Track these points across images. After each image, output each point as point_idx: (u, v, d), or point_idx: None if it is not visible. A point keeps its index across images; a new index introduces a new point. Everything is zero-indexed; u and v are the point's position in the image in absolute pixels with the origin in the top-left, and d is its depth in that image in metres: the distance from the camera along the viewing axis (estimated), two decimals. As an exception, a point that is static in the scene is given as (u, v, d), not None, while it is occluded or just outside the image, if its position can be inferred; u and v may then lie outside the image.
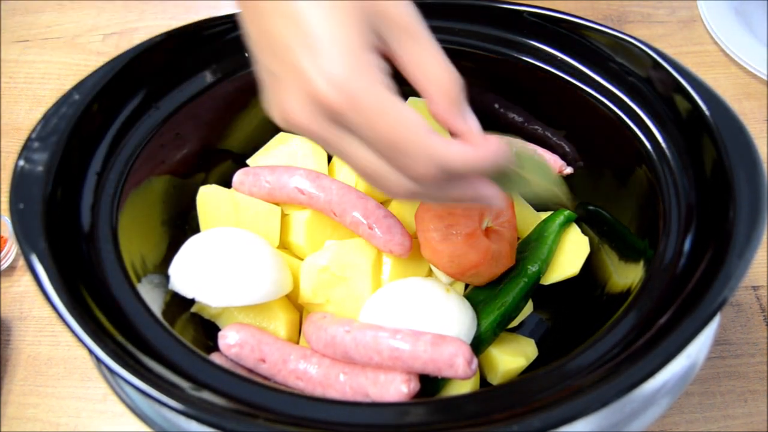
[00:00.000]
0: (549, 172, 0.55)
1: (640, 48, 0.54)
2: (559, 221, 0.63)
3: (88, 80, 0.53)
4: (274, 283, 0.57)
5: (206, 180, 0.66)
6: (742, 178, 0.46)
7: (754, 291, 0.76)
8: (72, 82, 0.53)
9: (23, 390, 0.71)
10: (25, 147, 0.49)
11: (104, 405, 0.70)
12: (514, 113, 0.67)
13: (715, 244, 0.45)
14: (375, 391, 0.50)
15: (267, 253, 0.58)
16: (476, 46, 0.62)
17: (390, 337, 0.50)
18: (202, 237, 0.59)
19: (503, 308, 0.58)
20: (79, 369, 0.72)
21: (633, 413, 0.44)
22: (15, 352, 0.73)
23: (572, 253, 0.63)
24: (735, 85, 0.95)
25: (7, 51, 1.01)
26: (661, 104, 0.54)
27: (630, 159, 0.56)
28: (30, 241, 0.44)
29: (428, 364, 0.49)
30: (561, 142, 0.65)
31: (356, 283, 0.60)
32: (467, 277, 0.59)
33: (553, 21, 0.59)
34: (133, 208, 0.55)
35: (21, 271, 0.79)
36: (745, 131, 0.48)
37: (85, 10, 1.07)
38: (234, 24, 0.59)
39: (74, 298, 0.43)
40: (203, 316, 0.61)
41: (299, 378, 0.52)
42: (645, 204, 0.55)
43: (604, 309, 0.56)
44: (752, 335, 0.73)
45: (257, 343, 0.53)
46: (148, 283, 0.53)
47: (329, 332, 0.52)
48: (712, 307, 0.41)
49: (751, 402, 0.69)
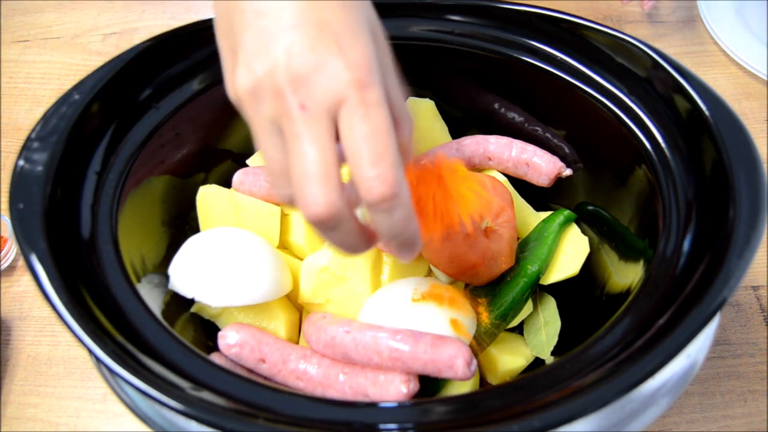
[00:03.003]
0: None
1: (640, 48, 0.54)
2: (559, 221, 0.63)
3: (88, 80, 0.53)
4: (274, 283, 0.57)
5: (206, 180, 0.66)
6: (742, 178, 0.46)
7: (754, 291, 0.76)
8: (72, 82, 0.52)
9: (23, 390, 0.71)
10: (25, 147, 0.49)
11: (104, 405, 0.70)
12: (514, 113, 0.67)
13: (715, 243, 0.45)
14: (375, 391, 0.50)
15: (267, 253, 0.58)
16: (476, 46, 0.62)
17: (390, 338, 0.50)
18: (202, 237, 0.59)
19: (503, 308, 0.58)
20: (79, 369, 0.72)
21: (633, 413, 0.44)
22: (15, 352, 0.73)
23: (572, 253, 0.63)
24: (735, 85, 0.95)
25: (7, 51, 1.01)
26: (661, 104, 0.54)
27: (630, 159, 0.56)
28: (30, 241, 0.44)
29: (428, 364, 0.49)
30: (561, 143, 0.65)
31: (356, 283, 0.60)
32: (467, 277, 0.59)
33: (553, 21, 0.59)
34: (133, 208, 0.55)
35: (21, 271, 0.79)
36: (745, 131, 0.48)
37: (85, 10, 1.07)
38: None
39: (74, 298, 0.43)
40: (203, 316, 0.61)
41: (299, 378, 0.52)
42: (645, 204, 0.55)
43: (604, 309, 0.56)
44: (752, 335, 0.73)
45: (257, 343, 0.53)
46: (148, 283, 0.53)
47: (329, 332, 0.52)
48: (711, 307, 0.41)
49: (751, 402, 0.69)
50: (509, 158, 0.65)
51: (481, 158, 0.66)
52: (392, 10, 0.62)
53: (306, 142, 0.35)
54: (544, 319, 0.63)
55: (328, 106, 0.35)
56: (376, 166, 0.35)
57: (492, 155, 0.65)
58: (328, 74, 0.35)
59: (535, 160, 0.64)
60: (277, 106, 0.36)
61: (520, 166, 0.65)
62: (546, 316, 0.63)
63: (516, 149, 0.65)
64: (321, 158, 0.35)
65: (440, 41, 0.62)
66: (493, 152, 0.65)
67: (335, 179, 0.35)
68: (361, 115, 0.35)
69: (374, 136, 0.35)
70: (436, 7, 0.62)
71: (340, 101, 0.35)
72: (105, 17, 1.06)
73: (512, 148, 0.65)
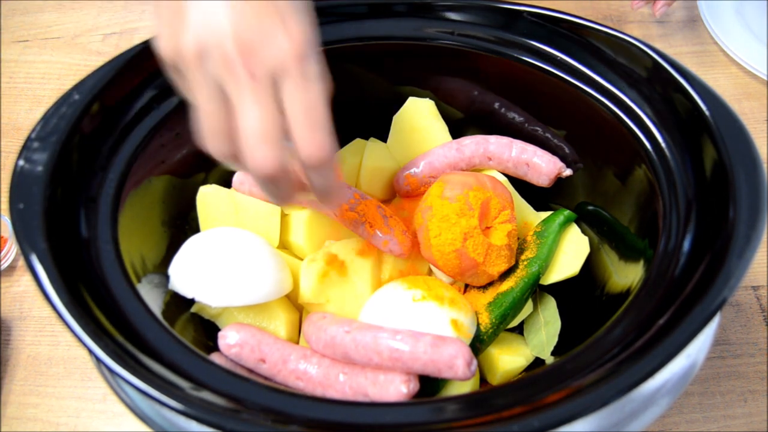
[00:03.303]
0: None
1: (640, 48, 0.54)
2: (559, 221, 0.63)
3: (88, 80, 0.53)
4: (274, 283, 0.57)
5: (206, 180, 0.66)
6: (742, 178, 0.46)
7: (754, 291, 0.76)
8: (72, 82, 0.53)
9: (23, 390, 0.71)
10: (25, 147, 0.49)
11: (104, 405, 0.70)
12: (514, 113, 0.67)
13: (715, 243, 0.45)
14: (375, 391, 0.50)
15: (267, 253, 0.58)
16: (476, 46, 0.62)
17: (390, 338, 0.50)
18: (202, 237, 0.59)
19: (503, 308, 0.58)
20: (79, 369, 0.72)
21: (633, 413, 0.44)
22: (15, 352, 0.73)
23: (572, 253, 0.63)
24: (735, 85, 0.95)
25: (7, 51, 1.01)
26: (661, 104, 0.54)
27: (630, 159, 0.56)
28: (30, 241, 0.44)
29: (428, 365, 0.49)
30: (561, 143, 0.65)
31: (356, 283, 0.60)
32: (467, 277, 0.59)
33: (553, 21, 0.59)
34: (133, 208, 0.55)
35: (21, 271, 0.79)
36: (745, 131, 0.48)
37: (85, 10, 1.07)
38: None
39: (74, 298, 0.43)
40: (203, 316, 0.61)
41: (299, 378, 0.52)
42: (645, 204, 0.55)
43: (604, 309, 0.56)
44: (752, 335, 0.73)
45: (257, 343, 0.53)
46: (148, 283, 0.53)
47: (329, 332, 0.52)
48: (711, 307, 0.41)
49: (751, 402, 0.69)
50: (509, 158, 0.65)
51: (481, 158, 0.66)
52: (392, 10, 0.62)
53: (255, 106, 0.39)
54: (544, 319, 0.63)
55: (273, 74, 0.39)
56: (315, 134, 0.40)
57: (492, 155, 0.65)
58: (274, 45, 0.39)
59: (535, 160, 0.64)
60: (225, 71, 0.39)
61: (520, 166, 0.65)
62: (546, 316, 0.63)
63: (516, 149, 0.65)
64: (269, 121, 0.39)
65: (440, 41, 0.62)
66: (493, 152, 0.65)
67: (280, 140, 0.40)
68: (302, 87, 0.40)
69: (313, 107, 0.40)
70: (436, 7, 0.62)
71: (283, 71, 0.39)
72: (105, 17, 1.06)
73: (512, 148, 0.65)
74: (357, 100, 0.69)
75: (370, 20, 0.62)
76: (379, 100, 0.69)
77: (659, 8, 0.93)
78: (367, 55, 0.64)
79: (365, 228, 0.60)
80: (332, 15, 0.62)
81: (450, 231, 0.56)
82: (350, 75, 0.66)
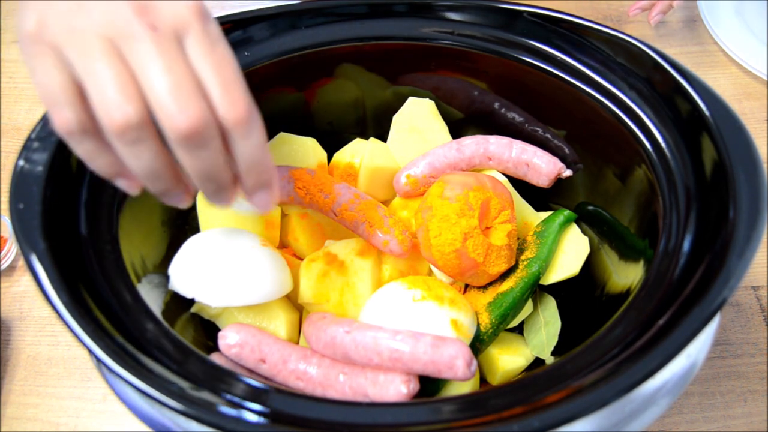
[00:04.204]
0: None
1: (640, 48, 0.54)
2: (559, 221, 0.63)
3: (88, 80, 0.53)
4: (274, 283, 0.57)
5: (206, 180, 0.66)
6: (742, 178, 0.46)
7: (754, 291, 0.76)
8: (72, 82, 0.52)
9: (23, 390, 0.71)
10: (25, 147, 0.49)
11: (104, 405, 0.70)
12: (514, 113, 0.67)
13: (715, 243, 0.45)
14: (375, 392, 0.50)
15: (267, 253, 0.58)
16: (476, 46, 0.62)
17: (390, 339, 0.50)
18: (202, 237, 0.59)
19: (503, 308, 0.58)
20: (79, 369, 0.72)
21: (633, 413, 0.44)
22: (15, 352, 0.73)
23: (572, 253, 0.63)
24: (735, 85, 0.95)
25: (7, 51, 1.01)
26: (661, 104, 0.54)
27: (630, 159, 0.56)
28: (30, 241, 0.44)
29: (428, 365, 0.49)
30: (561, 143, 0.65)
31: (356, 283, 0.60)
32: (467, 277, 0.59)
33: (553, 21, 0.59)
34: (133, 208, 0.55)
35: (21, 271, 0.79)
36: (745, 131, 0.48)
37: (85, 10, 1.07)
38: (234, 24, 0.59)
39: (74, 298, 0.43)
40: (203, 316, 0.61)
41: (299, 378, 0.52)
42: (645, 204, 0.55)
43: (604, 309, 0.56)
44: (752, 335, 0.73)
45: (257, 343, 0.53)
46: (148, 283, 0.53)
47: (329, 333, 0.52)
48: (711, 307, 0.41)
49: (751, 402, 0.69)
50: (509, 158, 0.65)
51: (481, 158, 0.66)
52: (392, 10, 0.62)
53: (161, 58, 0.36)
54: (544, 319, 0.63)
55: (175, 30, 0.37)
56: (231, 91, 0.37)
57: (492, 155, 0.65)
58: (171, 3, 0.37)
59: (535, 160, 0.64)
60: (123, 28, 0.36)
61: (520, 167, 0.65)
62: (546, 316, 0.63)
63: (516, 149, 0.65)
64: (181, 72, 0.36)
65: (440, 41, 0.62)
66: (493, 152, 0.65)
67: (200, 93, 0.36)
68: (208, 43, 0.37)
69: (224, 64, 0.38)
70: (435, 7, 0.62)
71: (185, 28, 0.37)
72: (105, 17, 1.06)
73: (512, 148, 0.65)
74: (357, 100, 0.69)
75: (370, 20, 0.62)
76: (379, 100, 0.69)
77: (654, 16, 0.93)
78: (367, 55, 0.64)
79: (365, 228, 0.60)
80: (332, 15, 0.62)
81: (450, 231, 0.56)
82: (350, 75, 0.66)
